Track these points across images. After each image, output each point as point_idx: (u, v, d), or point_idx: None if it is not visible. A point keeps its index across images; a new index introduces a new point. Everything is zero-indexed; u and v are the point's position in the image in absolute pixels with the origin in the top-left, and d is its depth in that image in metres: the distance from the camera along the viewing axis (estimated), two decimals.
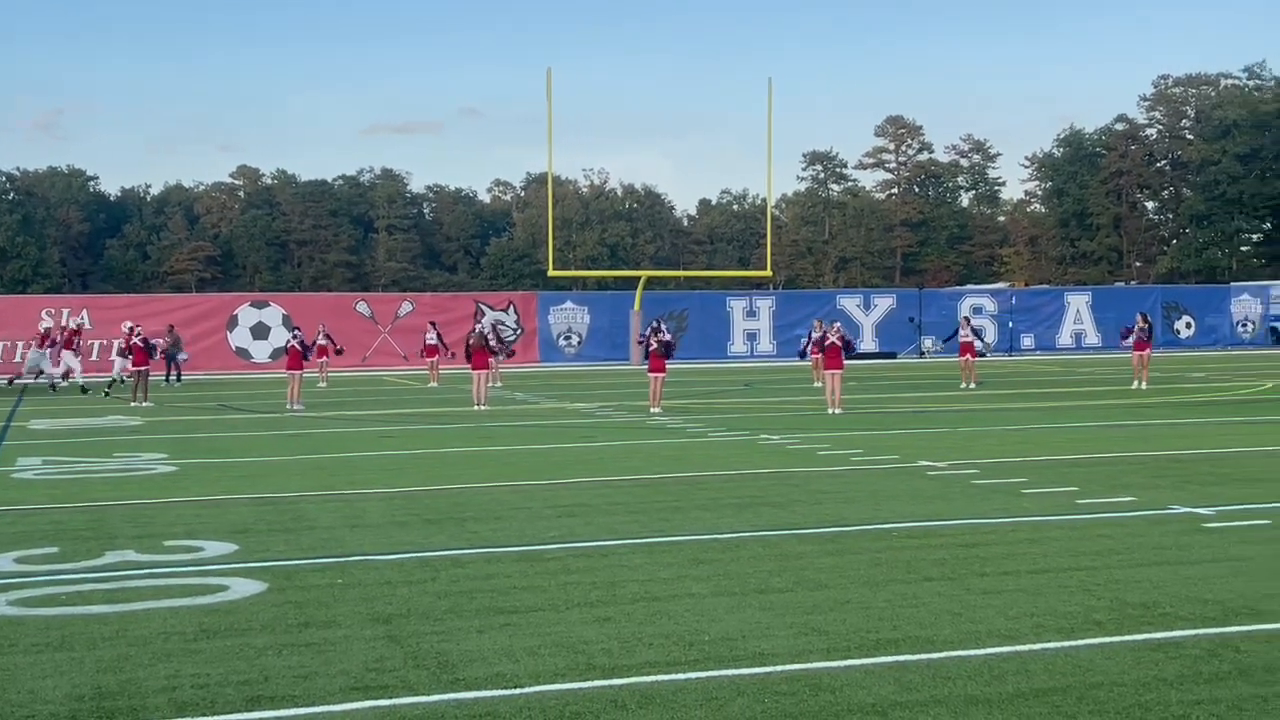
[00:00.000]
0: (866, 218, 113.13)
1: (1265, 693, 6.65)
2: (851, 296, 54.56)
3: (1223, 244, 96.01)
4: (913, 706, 6.51)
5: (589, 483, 15.20)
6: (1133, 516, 12.25)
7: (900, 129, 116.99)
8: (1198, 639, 7.72)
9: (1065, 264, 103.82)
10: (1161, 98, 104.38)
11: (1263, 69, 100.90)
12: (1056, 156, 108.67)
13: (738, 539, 11.26)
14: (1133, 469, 15.81)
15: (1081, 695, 6.64)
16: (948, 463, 16.42)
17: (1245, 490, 13.83)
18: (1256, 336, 57.46)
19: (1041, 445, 18.62)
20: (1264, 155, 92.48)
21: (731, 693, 6.79)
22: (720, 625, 8.19)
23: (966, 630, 8.00)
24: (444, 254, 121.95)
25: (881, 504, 13.18)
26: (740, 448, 18.98)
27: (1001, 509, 12.75)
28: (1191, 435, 20.04)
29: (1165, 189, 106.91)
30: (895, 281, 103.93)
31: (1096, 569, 9.78)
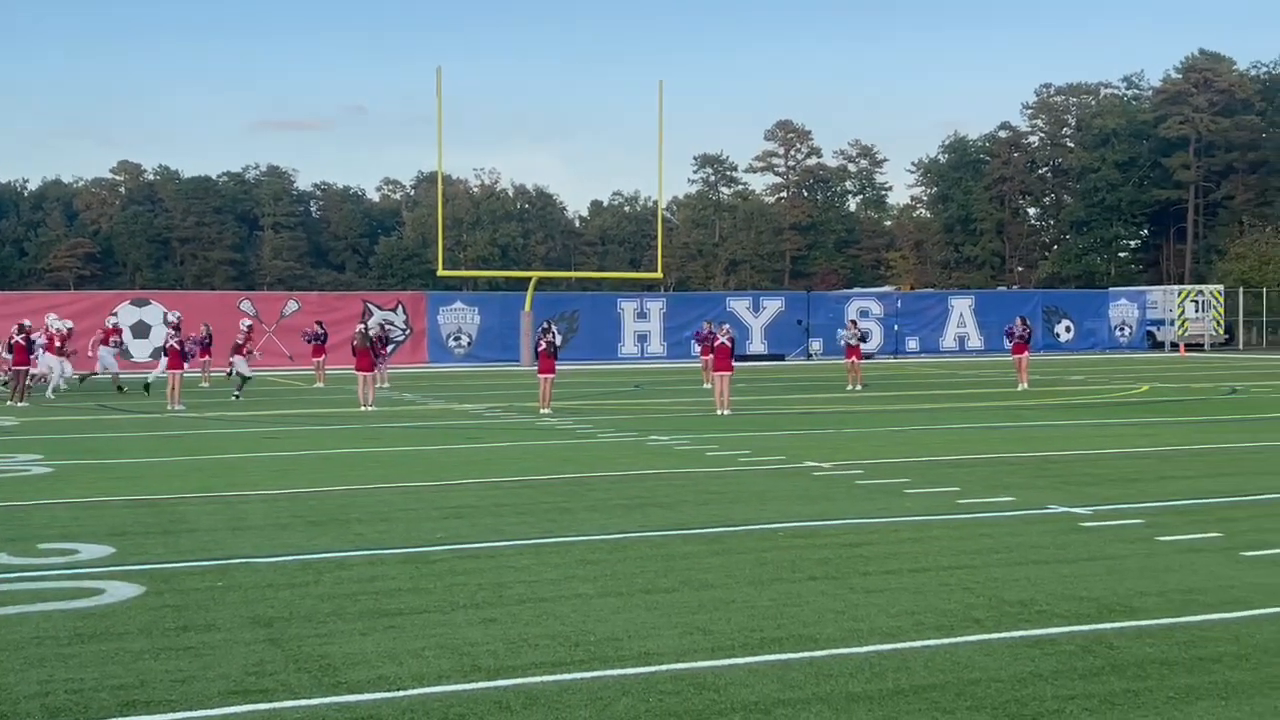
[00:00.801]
0: (756, 221, 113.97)
1: (1137, 688, 6.81)
2: (741, 299, 54.97)
3: (1101, 250, 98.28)
4: (795, 704, 6.57)
5: (477, 484, 15.12)
6: (1012, 516, 12.49)
7: (789, 133, 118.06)
8: (1073, 636, 7.89)
9: (950, 268, 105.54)
10: (1043, 106, 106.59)
11: (1141, 79, 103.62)
12: (941, 163, 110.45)
13: (625, 539, 11.28)
14: (1012, 470, 16.12)
15: (960, 691, 6.76)
16: (833, 463, 16.61)
17: (1120, 490, 14.17)
18: (1133, 340, 58.97)
19: (924, 446, 18.91)
20: (1141, 163, 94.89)
21: (616, 692, 6.80)
22: (606, 625, 8.20)
23: (849, 628, 8.09)
24: (331, 253, 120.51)
25: (768, 504, 13.29)
26: (629, 449, 19.02)
27: (885, 509, 12.93)
28: (1069, 437, 20.49)
29: (1047, 195, 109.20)
30: (784, 284, 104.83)
31: (976, 567, 9.95)
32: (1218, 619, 8.26)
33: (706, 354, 30.88)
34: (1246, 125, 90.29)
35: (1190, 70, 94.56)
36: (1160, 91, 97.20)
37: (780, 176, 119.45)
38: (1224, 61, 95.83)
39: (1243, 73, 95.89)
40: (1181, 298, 60.90)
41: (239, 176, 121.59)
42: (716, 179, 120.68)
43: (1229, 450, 18.29)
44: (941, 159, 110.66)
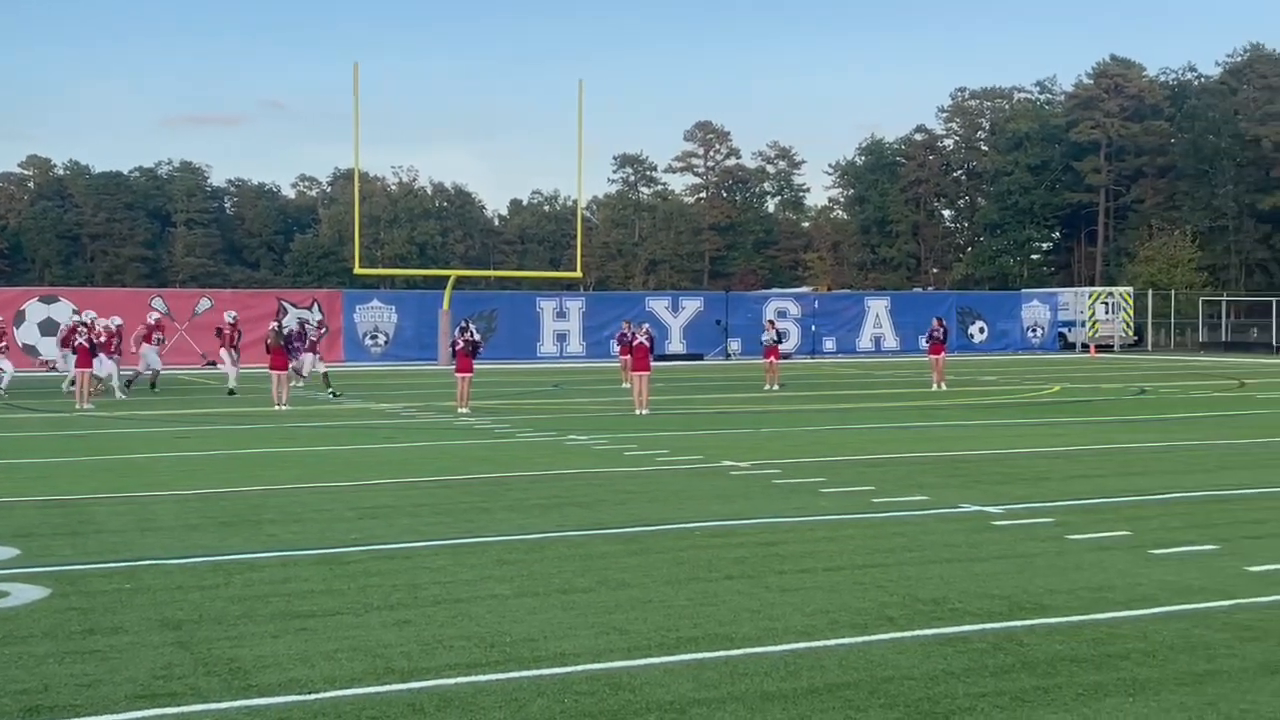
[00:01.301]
0: (676, 221, 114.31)
1: (1047, 684, 6.90)
2: (660, 299, 55.06)
3: (1015, 252, 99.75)
4: (710, 704, 6.58)
5: (393, 484, 14.99)
6: (925, 515, 12.61)
7: (709, 134, 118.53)
8: (984, 633, 7.98)
9: (866, 269, 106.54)
10: (958, 109, 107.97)
11: (1053, 84, 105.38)
12: (858, 165, 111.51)
13: (543, 539, 11.24)
14: (926, 469, 16.29)
15: (873, 689, 6.80)
16: (750, 463, 16.68)
17: (1031, 489, 14.36)
18: (1045, 341, 59.86)
19: (840, 446, 19.05)
20: (1053, 167, 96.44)
21: (532, 693, 6.77)
22: (522, 626, 8.16)
23: (764, 627, 8.12)
24: (246, 250, 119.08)
25: (685, 504, 13.31)
26: (548, 448, 18.97)
27: (801, 508, 13.00)
28: (982, 436, 20.74)
29: (961, 198, 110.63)
30: (703, 284, 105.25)
31: (890, 566, 10.04)
32: (1126, 616, 8.39)
33: (625, 354, 30.90)
34: (1155, 130, 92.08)
35: (1101, 76, 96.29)
36: (1072, 96, 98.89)
37: (699, 177, 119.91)
38: (1134, 68, 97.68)
39: (1152, 79, 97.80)
40: (1092, 300, 61.92)
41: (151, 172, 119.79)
42: (636, 179, 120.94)
43: (1137, 450, 18.62)
44: (858, 161, 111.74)
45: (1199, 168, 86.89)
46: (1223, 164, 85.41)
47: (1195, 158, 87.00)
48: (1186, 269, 75.83)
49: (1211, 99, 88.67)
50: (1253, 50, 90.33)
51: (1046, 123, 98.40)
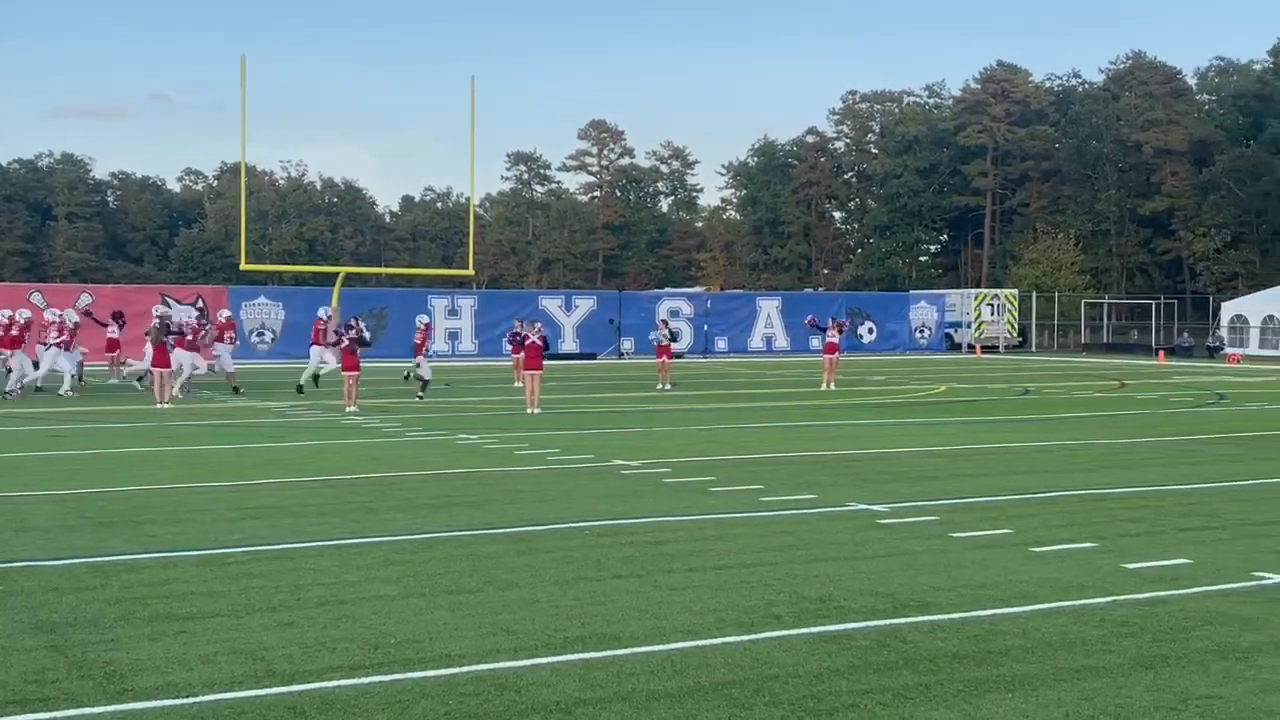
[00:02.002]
0: (569, 219, 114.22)
1: (929, 680, 6.98)
2: (553, 298, 54.95)
3: (903, 254, 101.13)
4: (596, 703, 6.56)
5: (278, 484, 14.76)
6: (813, 514, 12.72)
7: (603, 133, 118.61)
8: (868, 631, 8.05)
9: (758, 270, 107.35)
10: (849, 112, 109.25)
11: (942, 88, 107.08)
12: (751, 166, 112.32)
13: (431, 539, 11.13)
14: (815, 468, 16.43)
15: (758, 687, 6.83)
16: (641, 462, 16.70)
17: (917, 488, 14.56)
18: (932, 342, 60.78)
19: (731, 445, 19.15)
20: (942, 170, 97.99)
21: (416, 695, 6.69)
22: (408, 627, 8.07)
23: (652, 626, 8.12)
24: (129, 244, 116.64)
25: (575, 503, 13.28)
26: (437, 447, 18.81)
27: (690, 507, 13.03)
28: (870, 436, 20.98)
29: (852, 200, 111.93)
30: (597, 283, 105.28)
31: (777, 564, 10.10)
32: (1007, 613, 8.53)
33: (518, 352, 30.76)
34: (1041, 135, 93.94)
35: (989, 81, 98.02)
36: (960, 101, 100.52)
37: (593, 176, 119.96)
38: (1021, 73, 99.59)
39: (1038, 84, 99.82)
40: (978, 301, 63.00)
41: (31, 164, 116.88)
42: (530, 177, 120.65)
43: (1020, 449, 18.96)
44: (751, 162, 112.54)
45: (1082, 172, 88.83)
46: (1105, 169, 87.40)
47: (1079, 163, 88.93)
48: (1070, 272, 77.48)
49: (1095, 105, 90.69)
50: (1135, 58, 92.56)
51: (935, 126, 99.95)
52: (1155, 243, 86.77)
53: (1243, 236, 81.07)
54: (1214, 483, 15.10)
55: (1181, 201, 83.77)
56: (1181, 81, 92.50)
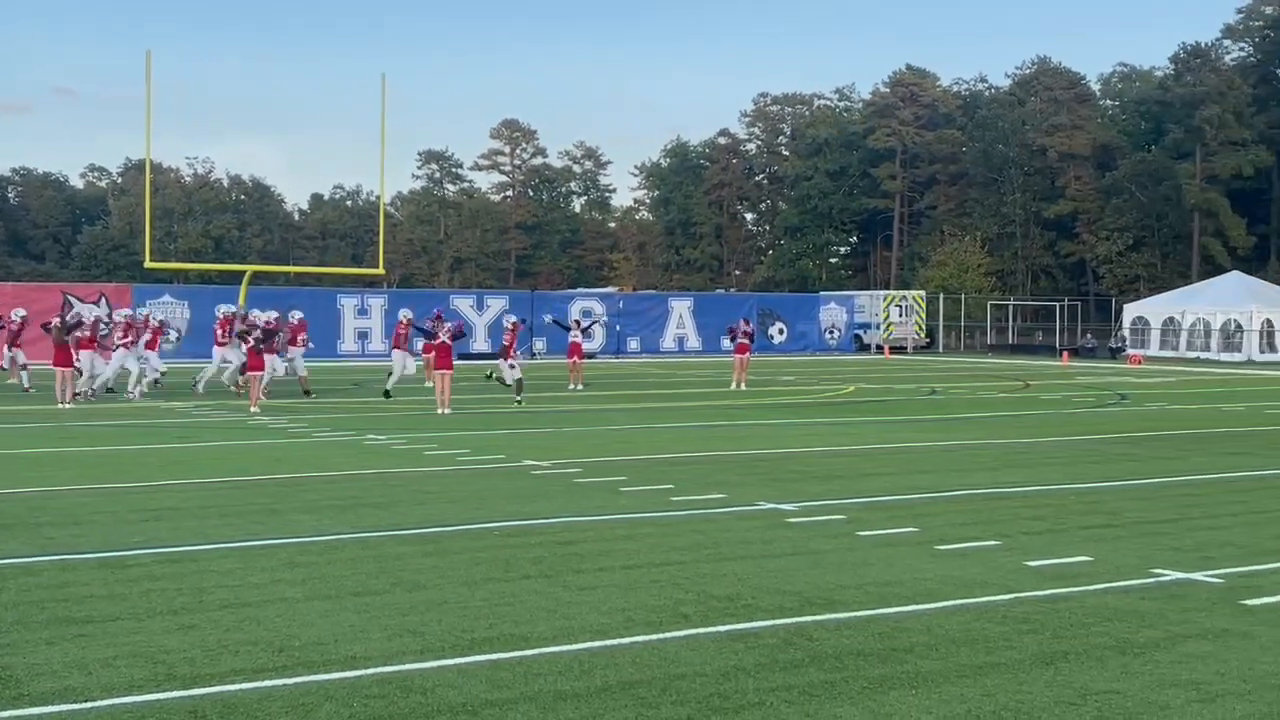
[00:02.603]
0: (482, 219, 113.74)
1: (834, 678, 7.03)
2: (465, 297, 54.65)
3: (814, 255, 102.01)
4: (503, 704, 6.53)
5: (181, 485, 14.52)
6: (723, 513, 12.77)
7: (515, 132, 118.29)
8: (776, 629, 8.10)
9: (671, 270, 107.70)
10: (760, 114, 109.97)
11: (852, 91, 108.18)
12: (663, 167, 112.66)
13: (337, 541, 11.02)
14: (725, 467, 16.50)
15: (665, 686, 6.84)
16: (551, 462, 16.66)
17: (825, 487, 14.67)
18: (842, 343, 61.30)
19: (642, 444, 19.18)
20: (851, 173, 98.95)
21: (320, 698, 6.62)
22: (312, 630, 7.97)
23: (560, 626, 8.10)
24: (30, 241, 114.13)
25: (485, 503, 13.21)
26: (345, 448, 18.63)
27: (600, 506, 13.03)
28: (780, 435, 21.11)
29: (763, 201, 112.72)
30: (509, 283, 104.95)
31: (686, 564, 10.12)
32: (911, 610, 8.62)
33: (429, 351, 30.51)
34: (948, 139, 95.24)
35: (898, 84, 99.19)
36: (869, 104, 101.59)
37: (506, 175, 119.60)
38: (929, 77, 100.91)
39: (946, 88, 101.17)
40: (887, 302, 63.67)
41: None
42: (442, 175, 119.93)
43: (927, 449, 19.19)
44: (663, 163, 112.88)
45: (989, 176, 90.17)
46: (1011, 173, 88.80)
47: (985, 166, 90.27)
48: (976, 274, 78.62)
49: (1001, 109, 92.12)
50: (1040, 63, 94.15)
51: (845, 129, 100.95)
52: (1059, 245, 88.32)
53: (1144, 240, 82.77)
54: (1115, 481, 15.39)
55: (1085, 205, 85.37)
56: (1085, 87, 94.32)
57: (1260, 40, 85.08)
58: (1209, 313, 57.04)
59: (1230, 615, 8.51)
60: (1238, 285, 59.97)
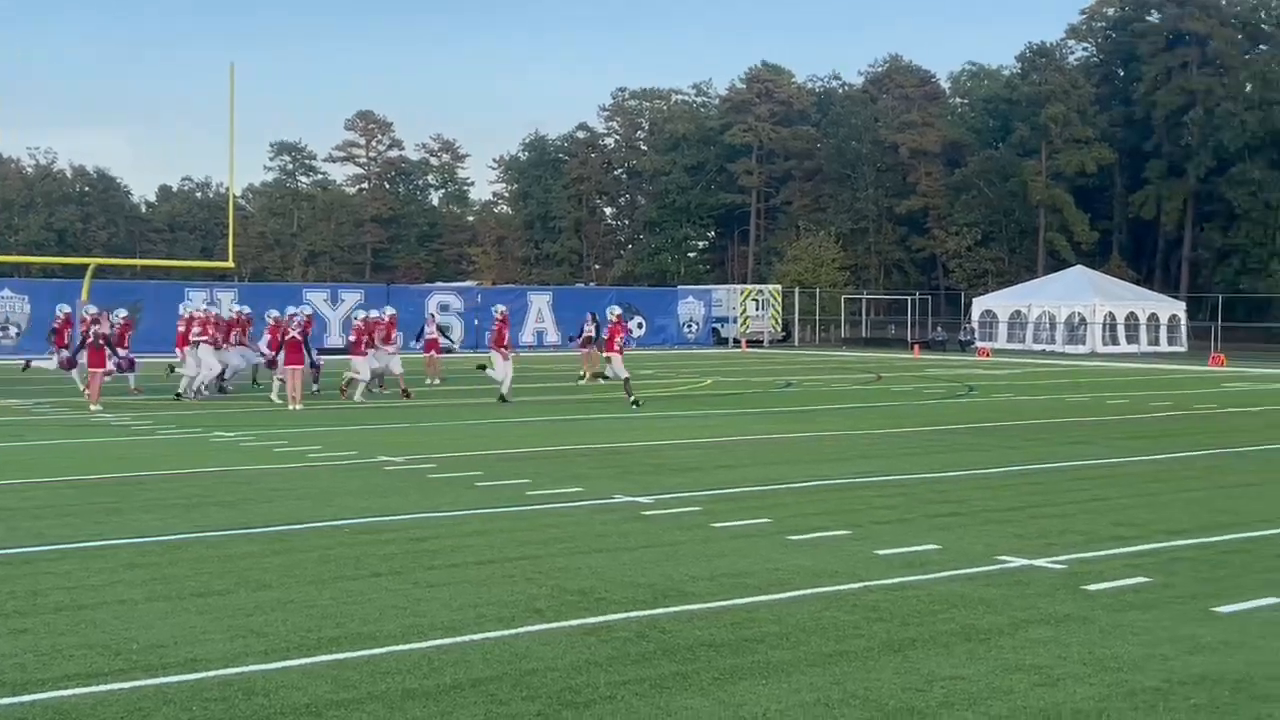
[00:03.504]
0: (336, 211, 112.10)
1: (686, 670, 7.03)
2: (319, 291, 53.76)
3: (672, 250, 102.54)
4: (349, 705, 6.39)
5: (17, 485, 13.99)
6: (578, 506, 12.72)
7: (371, 124, 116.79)
8: (628, 622, 8.07)
9: (530, 264, 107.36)
10: (619, 109, 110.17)
11: (709, 87, 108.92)
12: (522, 160, 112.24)
13: (180, 540, 10.71)
14: (582, 460, 16.45)
15: (516, 682, 6.77)
16: (405, 457, 16.44)
17: (680, 479, 14.71)
18: (700, 337, 61.73)
19: (498, 439, 19.04)
20: (709, 168, 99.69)
21: (158, 702, 6.41)
22: (152, 632, 7.73)
23: (410, 624, 7.97)
24: None
25: (335, 500, 12.97)
26: (191, 445, 18.15)
27: (454, 502, 12.88)
28: (637, 428, 21.13)
29: (622, 196, 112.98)
30: (365, 277, 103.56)
31: (541, 558, 10.05)
32: (763, 600, 8.66)
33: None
34: (803, 135, 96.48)
35: (754, 81, 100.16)
36: (726, 100, 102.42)
37: (361, 168, 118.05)
38: (784, 74, 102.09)
39: (800, 85, 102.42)
40: (744, 297, 64.24)
41: None
42: (295, 167, 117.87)
43: (782, 440, 19.38)
44: (522, 157, 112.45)
45: (842, 172, 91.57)
46: (864, 169, 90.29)
47: (839, 162, 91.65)
48: (831, 268, 79.74)
49: (854, 106, 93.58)
50: (891, 61, 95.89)
51: (702, 125, 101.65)
52: (911, 240, 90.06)
53: (992, 235, 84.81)
54: (962, 471, 15.69)
55: (935, 201, 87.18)
56: (935, 85, 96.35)
57: (1102, 40, 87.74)
58: (1054, 306, 58.67)
59: (1071, 600, 8.72)
60: (1081, 279, 61.81)
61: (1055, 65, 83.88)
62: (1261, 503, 13.25)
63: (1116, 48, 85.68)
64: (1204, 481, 14.88)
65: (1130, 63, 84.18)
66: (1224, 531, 11.40)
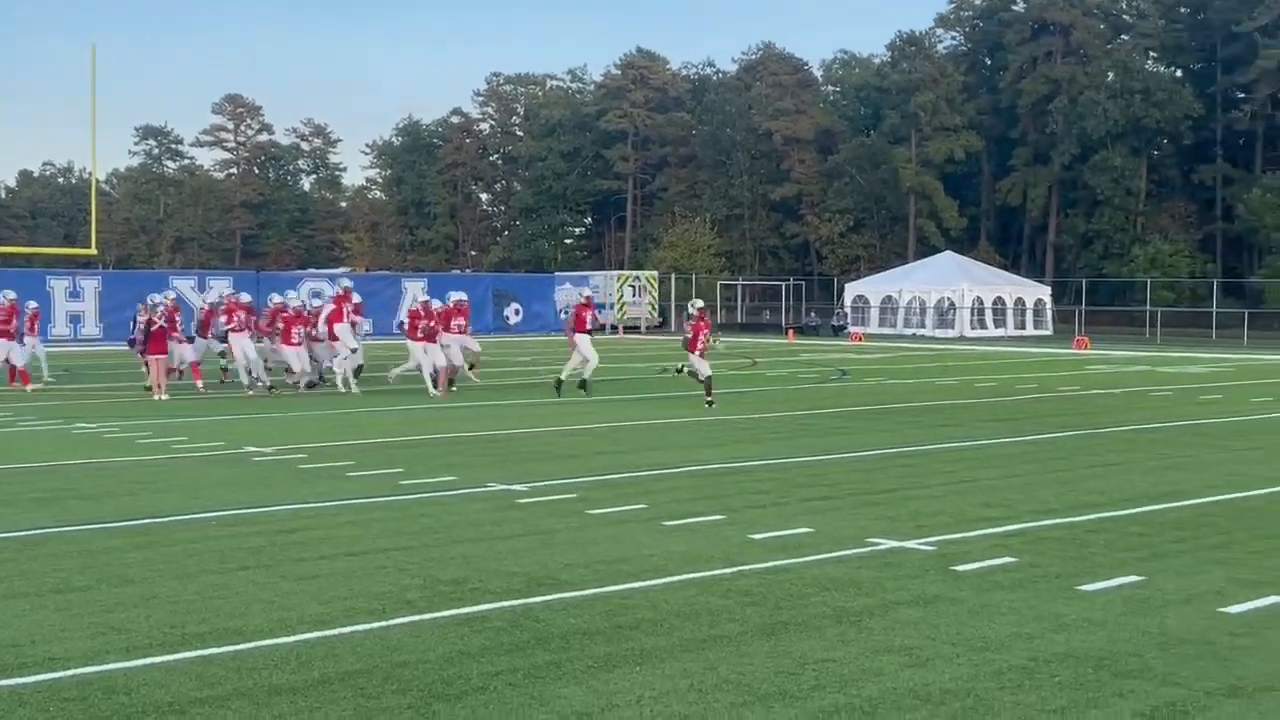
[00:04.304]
0: (204, 197, 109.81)
1: (560, 658, 6.97)
2: (186, 278, 52.60)
3: (549, 236, 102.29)
4: (213, 702, 6.23)
5: None
6: (453, 495, 12.59)
7: (239, 108, 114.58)
8: (502, 611, 8.00)
9: (405, 251, 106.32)
10: (494, 94, 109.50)
11: (584, 73, 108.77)
12: (396, 145, 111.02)
13: (38, 536, 10.37)
14: (457, 449, 16.31)
15: (387, 675, 6.66)
16: (275, 448, 16.14)
17: (556, 466, 14.65)
18: None
19: (371, 428, 18.79)
20: (585, 154, 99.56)
21: (12, 704, 6.18)
22: (7, 631, 7.46)
23: (278, 618, 7.80)
24: None
25: (202, 492, 12.68)
26: (51, 438, 17.62)
27: (325, 493, 12.67)
28: (513, 416, 21.00)
29: (498, 182, 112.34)
30: (235, 263, 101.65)
31: (414, 548, 9.92)
32: (638, 587, 8.64)
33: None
34: (678, 122, 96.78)
35: (629, 67, 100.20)
36: (601, 86, 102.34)
37: (230, 152, 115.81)
38: (659, 60, 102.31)
39: (675, 72, 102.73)
40: (620, 283, 64.34)
41: None
42: (161, 152, 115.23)
43: (658, 426, 19.40)
44: (396, 142, 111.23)
45: (717, 159, 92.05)
46: (738, 156, 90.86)
47: (714, 149, 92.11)
48: (706, 254, 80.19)
49: (728, 93, 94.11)
50: (765, 49, 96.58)
51: (578, 111, 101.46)
52: (785, 227, 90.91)
53: (864, 221, 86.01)
54: (836, 454, 15.85)
55: (808, 188, 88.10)
56: (808, 73, 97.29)
57: (970, 30, 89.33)
58: (924, 291, 59.69)
59: (941, 581, 8.84)
60: (951, 265, 62.97)
61: (925, 54, 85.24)
62: (1125, 481, 13.59)
63: (984, 37, 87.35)
64: (1070, 462, 15.22)
65: (997, 52, 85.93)
66: (1089, 511, 11.67)
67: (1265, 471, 14.38)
